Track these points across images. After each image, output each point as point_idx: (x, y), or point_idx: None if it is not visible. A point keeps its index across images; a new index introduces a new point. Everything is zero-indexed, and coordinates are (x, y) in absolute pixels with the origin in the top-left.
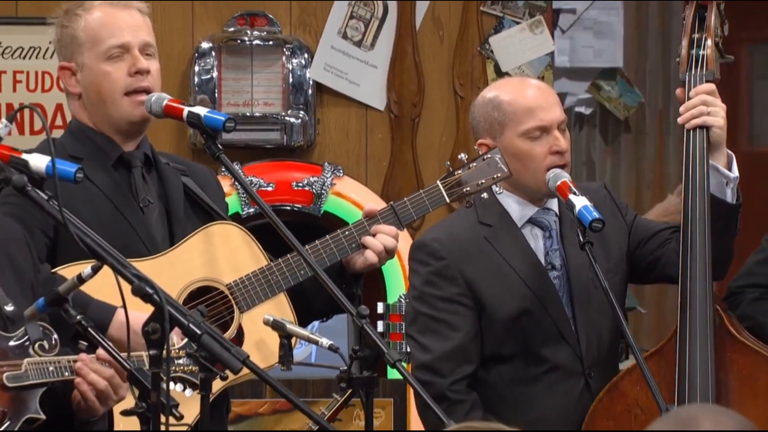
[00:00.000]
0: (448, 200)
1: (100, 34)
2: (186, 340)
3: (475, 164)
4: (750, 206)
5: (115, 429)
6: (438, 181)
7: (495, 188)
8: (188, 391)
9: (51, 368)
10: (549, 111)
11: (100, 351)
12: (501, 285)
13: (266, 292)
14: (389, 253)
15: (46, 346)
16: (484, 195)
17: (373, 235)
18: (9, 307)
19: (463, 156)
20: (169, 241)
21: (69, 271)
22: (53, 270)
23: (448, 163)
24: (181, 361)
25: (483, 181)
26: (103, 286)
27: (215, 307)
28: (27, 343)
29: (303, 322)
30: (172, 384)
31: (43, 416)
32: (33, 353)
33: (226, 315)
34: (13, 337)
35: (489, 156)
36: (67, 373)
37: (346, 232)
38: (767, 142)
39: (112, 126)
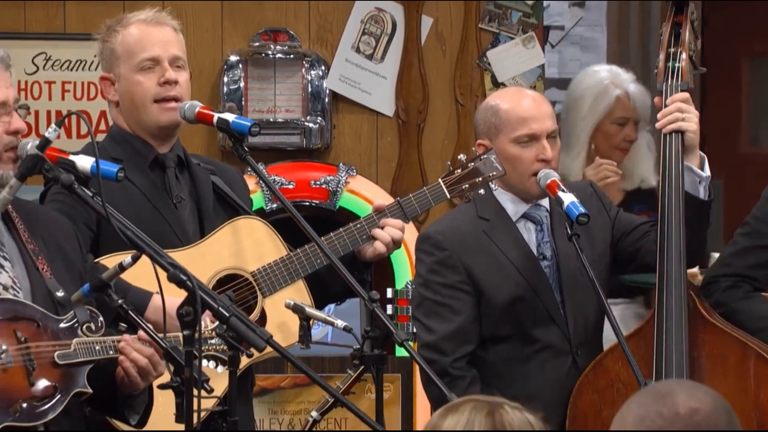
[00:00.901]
0: (449, 196)
1: (134, 48)
2: (216, 321)
3: (473, 164)
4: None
5: (154, 402)
6: (440, 179)
7: (491, 185)
8: (220, 368)
9: (97, 347)
10: (540, 121)
11: (141, 332)
12: (498, 273)
13: (286, 278)
14: (396, 243)
15: (93, 328)
16: (481, 191)
17: (382, 228)
18: (60, 293)
19: (462, 157)
20: (199, 233)
21: (110, 261)
22: (96, 260)
23: (449, 163)
24: (212, 341)
25: (480, 179)
26: (141, 275)
27: (241, 292)
28: (76, 325)
29: (320, 306)
30: (204, 361)
31: (90, 390)
32: (81, 334)
33: (250, 299)
34: (64, 320)
35: (485, 156)
36: (111, 352)
37: (358, 225)
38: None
39: (145, 130)
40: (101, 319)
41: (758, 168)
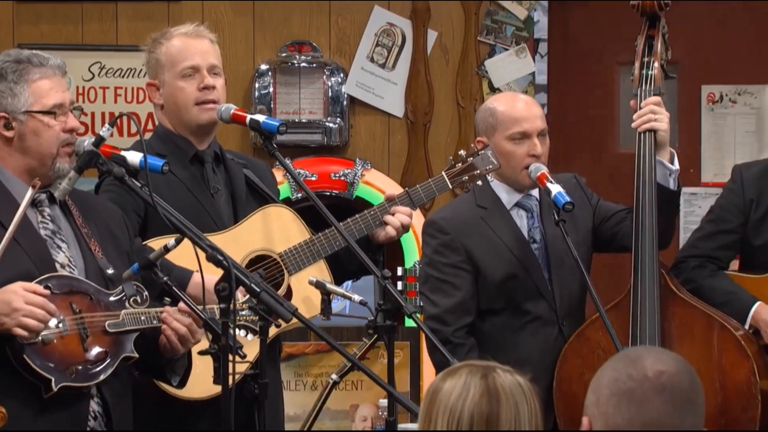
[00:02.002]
0: (451, 186)
1: (177, 58)
2: (248, 296)
3: (471, 159)
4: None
5: (195, 367)
6: (443, 172)
7: (488, 177)
8: (250, 336)
9: (143, 317)
10: (531, 122)
11: (181, 304)
12: (493, 254)
13: (310, 258)
14: (405, 228)
15: (139, 300)
16: (479, 182)
17: (393, 214)
18: (110, 271)
19: (462, 152)
20: (233, 219)
21: (156, 243)
22: (144, 242)
23: (451, 158)
24: (244, 313)
25: (478, 171)
26: (183, 255)
27: (270, 270)
28: (124, 298)
29: (338, 282)
30: (237, 330)
31: (136, 355)
32: (128, 306)
33: (278, 277)
34: (113, 294)
35: (482, 152)
36: (155, 321)
37: (372, 212)
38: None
39: (187, 129)
40: (146, 293)
41: (628, 166)
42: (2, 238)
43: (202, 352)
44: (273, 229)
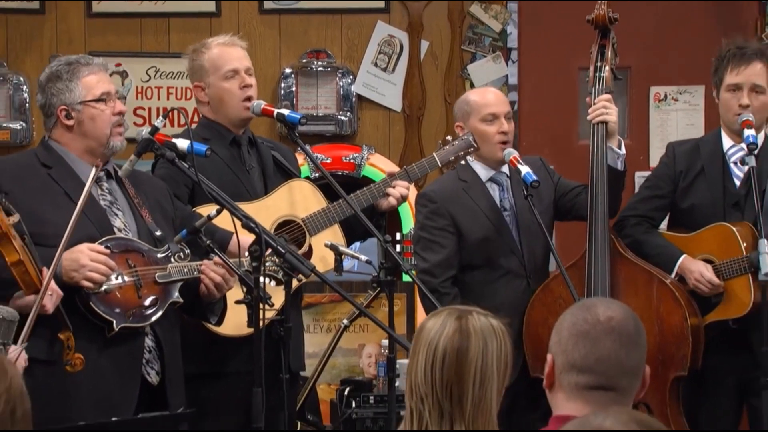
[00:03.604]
0: (440, 165)
1: (218, 63)
2: (269, 250)
3: (456, 142)
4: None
5: (234, 316)
6: (434, 153)
7: (469, 158)
8: (273, 283)
9: (186, 270)
10: (498, 105)
11: (216, 258)
12: (473, 219)
13: (326, 223)
14: (403, 198)
15: (182, 256)
16: (462, 162)
17: (393, 188)
18: (158, 233)
19: (449, 138)
20: (264, 191)
21: (202, 210)
22: (193, 209)
23: (440, 142)
24: (268, 264)
25: (461, 153)
26: (223, 221)
27: (293, 233)
28: (170, 254)
29: (348, 244)
30: (267, 280)
31: (181, 300)
32: (174, 261)
33: (300, 239)
34: (161, 251)
35: (465, 137)
36: (196, 273)
37: (377, 185)
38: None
39: (230, 121)
40: (188, 250)
41: (585, 157)
42: (72, 208)
43: (238, 302)
44: (296, 199)
